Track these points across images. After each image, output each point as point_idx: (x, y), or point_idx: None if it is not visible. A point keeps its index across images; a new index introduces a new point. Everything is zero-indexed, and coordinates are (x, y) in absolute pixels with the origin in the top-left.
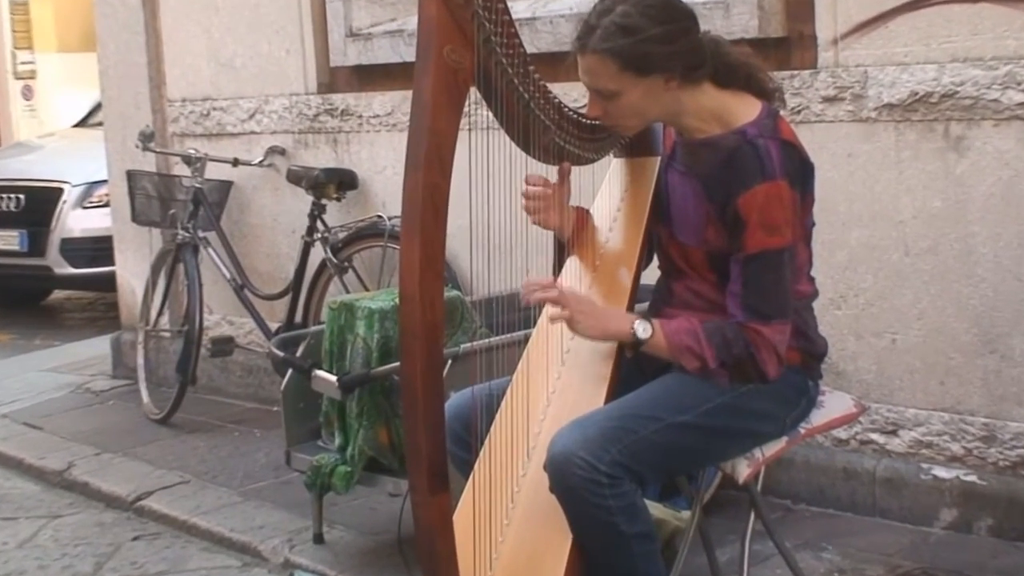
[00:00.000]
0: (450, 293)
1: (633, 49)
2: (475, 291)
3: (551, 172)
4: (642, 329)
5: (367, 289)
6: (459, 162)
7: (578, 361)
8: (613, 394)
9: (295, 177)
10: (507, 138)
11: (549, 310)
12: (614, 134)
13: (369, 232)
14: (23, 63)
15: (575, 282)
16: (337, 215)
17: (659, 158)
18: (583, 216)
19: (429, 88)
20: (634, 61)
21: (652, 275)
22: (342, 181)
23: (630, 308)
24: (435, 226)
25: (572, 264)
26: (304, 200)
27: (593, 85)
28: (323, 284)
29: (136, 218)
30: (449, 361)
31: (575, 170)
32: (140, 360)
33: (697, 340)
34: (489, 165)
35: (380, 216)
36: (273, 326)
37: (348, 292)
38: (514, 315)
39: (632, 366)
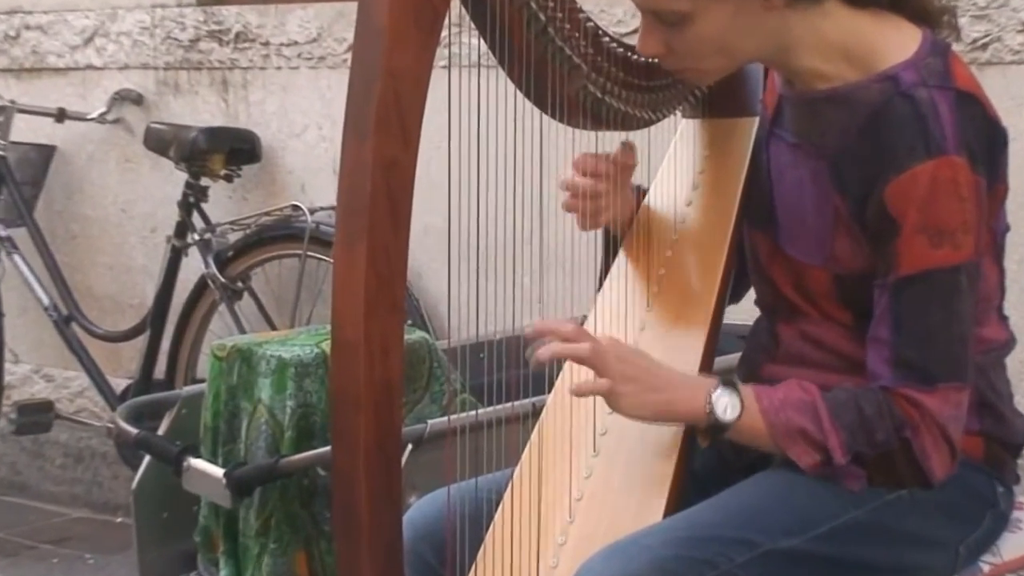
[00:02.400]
0: (413, 335)
1: None
2: (454, 332)
3: (581, 140)
4: (726, 406)
5: (273, 326)
6: (431, 124)
7: (621, 450)
8: (677, 503)
9: (158, 141)
10: (508, 84)
11: (575, 373)
12: (681, 82)
13: (278, 233)
14: None
15: (617, 321)
16: (227, 204)
17: (756, 121)
18: (637, 200)
19: (384, 4)
20: None
21: (743, 311)
22: (235, 149)
23: (706, 367)
24: (391, 226)
25: (615, 290)
26: (173, 179)
27: (650, 4)
28: (202, 317)
29: None
30: (409, 445)
31: (605, 140)
32: None
33: (816, 420)
34: (480, 128)
35: (297, 207)
36: (120, 385)
37: (243, 330)
38: (516, 372)
39: (709, 458)
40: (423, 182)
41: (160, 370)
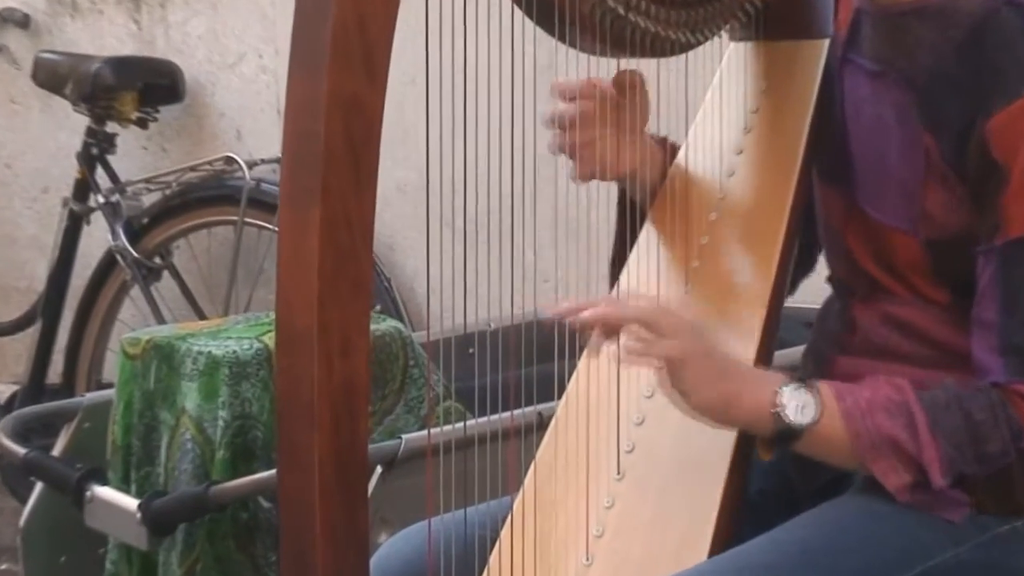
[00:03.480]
0: (383, 324)
1: None
2: (435, 320)
3: (598, 72)
4: (800, 405)
5: (202, 314)
6: (403, 53)
7: (653, 472)
8: (726, 538)
9: (51, 76)
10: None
11: (594, 373)
12: None
13: (207, 194)
14: None
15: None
16: (141, 157)
17: (826, 45)
18: (665, 156)
19: None
20: None
21: (810, 289)
22: (151, 85)
23: (764, 360)
24: (353, 185)
25: (641, 266)
26: (71, 124)
27: None
28: (109, 303)
29: None
30: (379, 468)
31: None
32: None
33: (910, 427)
34: (467, 58)
35: (231, 160)
36: (3, 392)
37: (163, 320)
38: (516, 372)
39: (770, 480)
40: (394, 127)
41: (55, 372)
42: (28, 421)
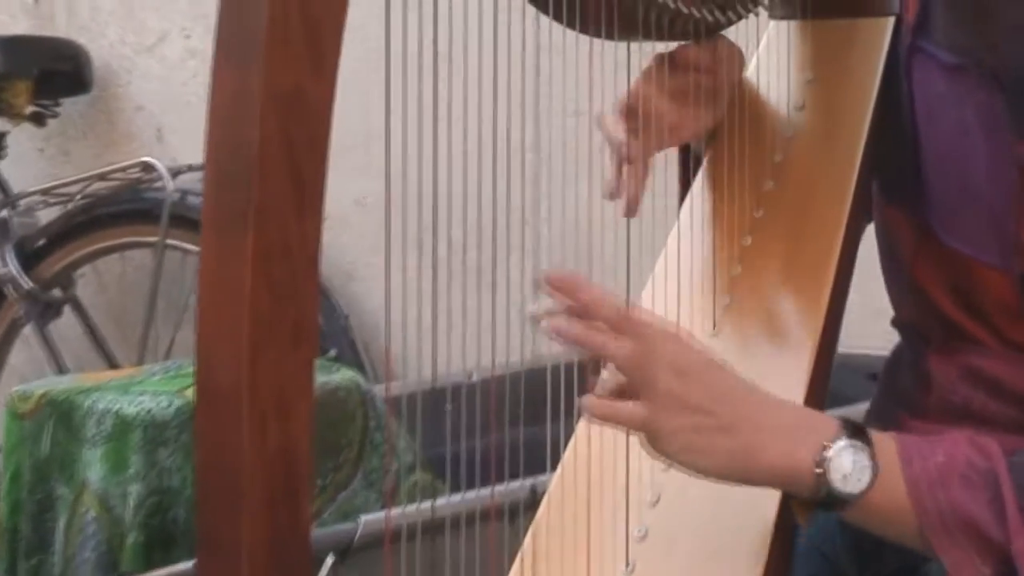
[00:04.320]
0: (337, 375)
1: None
2: (402, 369)
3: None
4: (850, 467)
5: (112, 361)
6: (360, 36)
7: (671, 564)
8: None
9: None
10: None
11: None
12: None
13: (120, 209)
14: None
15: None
16: (36, 162)
17: (889, 23)
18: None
19: None
20: None
21: (873, 331)
22: (49, 72)
23: (815, 401)
24: (293, 203)
25: (668, 286)
26: None
27: None
28: None
29: None
30: (330, 557)
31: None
32: None
33: (994, 503)
34: (440, 43)
35: (150, 166)
36: None
37: (63, 368)
38: (500, 434)
39: (814, 566)
40: (352, 128)
41: None
42: None
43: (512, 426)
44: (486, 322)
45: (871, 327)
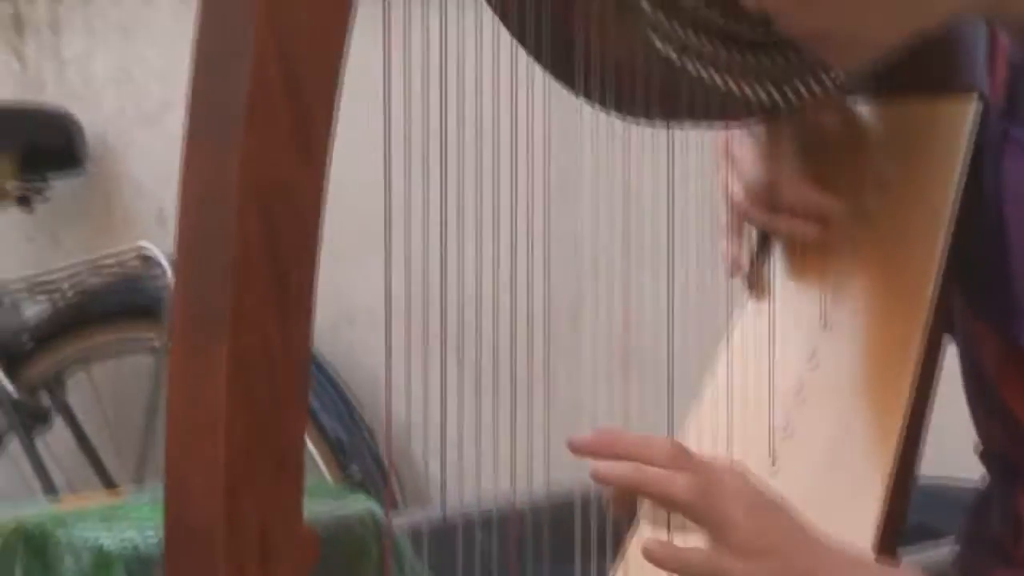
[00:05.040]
0: (353, 502)
1: None
2: (425, 493)
3: (642, 142)
4: None
5: (107, 478)
6: (360, 97)
7: None
8: None
9: None
10: (503, 34)
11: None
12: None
13: (116, 302)
14: None
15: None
16: (23, 250)
17: (973, 102)
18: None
19: None
20: None
21: (956, 462)
22: (37, 145)
23: (887, 547)
24: (276, 308)
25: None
26: None
27: None
28: None
29: None
30: None
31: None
32: None
33: None
34: (449, 122)
35: (148, 254)
36: None
37: (51, 486)
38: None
39: None
40: (368, 191)
41: None
42: None
43: (555, 563)
44: (524, 442)
45: (968, 460)
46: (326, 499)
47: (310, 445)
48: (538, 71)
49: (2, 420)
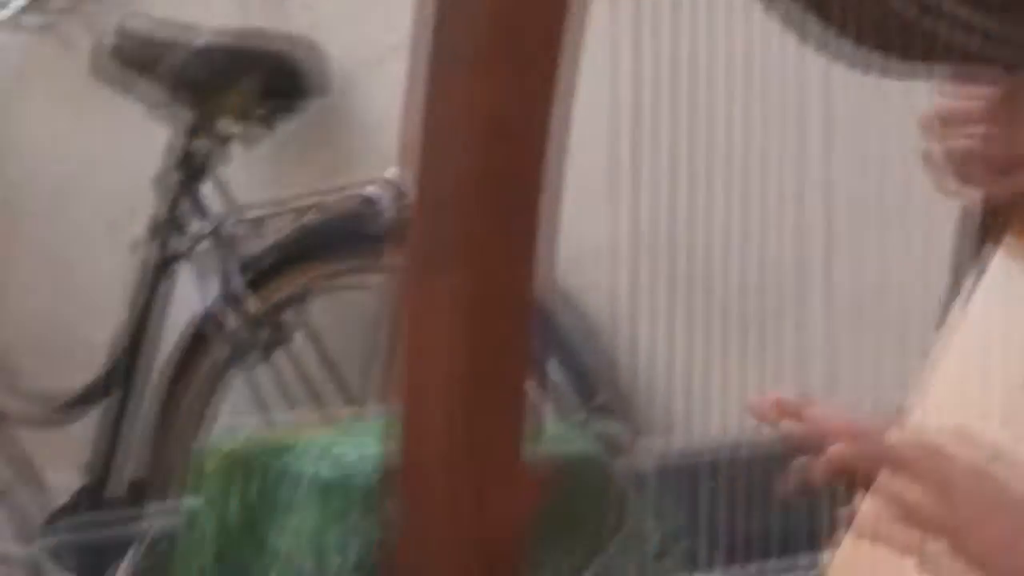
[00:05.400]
0: (577, 441)
1: None
2: (663, 429)
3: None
4: None
5: (333, 405)
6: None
7: None
8: None
9: (134, 58)
10: None
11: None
12: None
13: (352, 233)
14: None
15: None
16: (258, 177)
17: None
18: None
19: None
20: None
21: None
22: (275, 74)
23: None
24: (503, 244)
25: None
26: (155, 129)
27: None
28: (203, 383)
29: None
30: None
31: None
32: None
33: None
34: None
35: (389, 184)
36: (51, 501)
37: (279, 410)
38: (763, 516)
39: None
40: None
41: (121, 477)
42: (60, 551)
43: (784, 507)
44: (756, 384)
45: None
46: (564, 430)
47: (553, 376)
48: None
49: (243, 338)
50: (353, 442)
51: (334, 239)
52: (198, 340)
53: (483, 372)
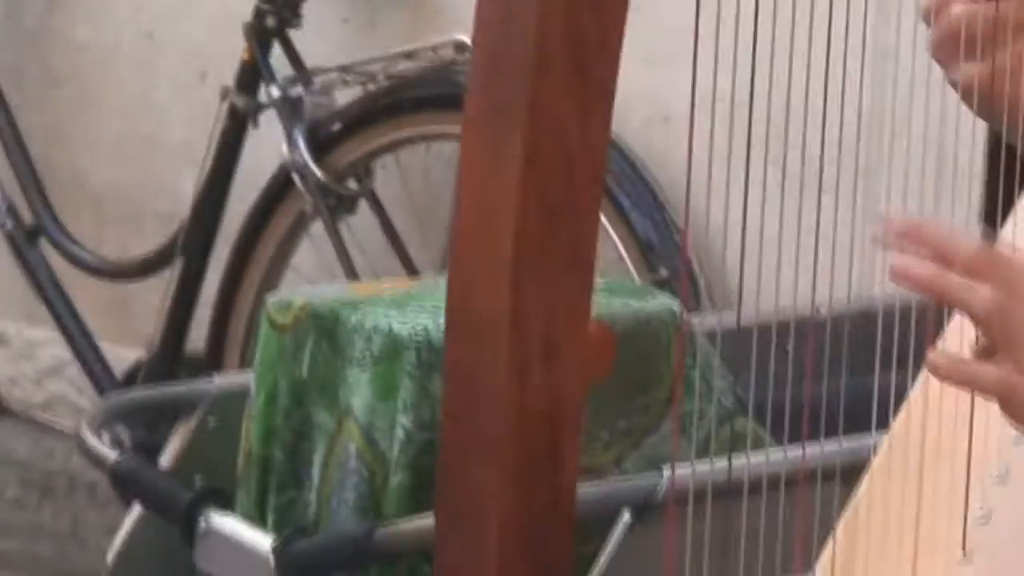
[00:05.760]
0: (651, 301)
1: None
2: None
3: None
4: None
5: (411, 265)
6: None
7: (1018, 555)
8: None
9: None
10: None
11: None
12: None
13: (428, 93)
14: None
15: None
16: (336, 36)
17: None
18: None
19: None
20: None
21: None
22: None
23: None
24: (577, 98)
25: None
26: None
27: None
28: (278, 241)
29: None
30: (626, 515)
31: None
32: None
33: None
34: None
35: (464, 44)
36: (126, 359)
37: (353, 272)
38: (861, 378)
39: None
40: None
41: (199, 336)
42: (129, 410)
43: (851, 373)
44: (827, 251)
45: None
46: (629, 297)
47: (619, 244)
48: None
49: (309, 204)
50: (424, 300)
51: (400, 104)
52: (274, 197)
53: (549, 231)
